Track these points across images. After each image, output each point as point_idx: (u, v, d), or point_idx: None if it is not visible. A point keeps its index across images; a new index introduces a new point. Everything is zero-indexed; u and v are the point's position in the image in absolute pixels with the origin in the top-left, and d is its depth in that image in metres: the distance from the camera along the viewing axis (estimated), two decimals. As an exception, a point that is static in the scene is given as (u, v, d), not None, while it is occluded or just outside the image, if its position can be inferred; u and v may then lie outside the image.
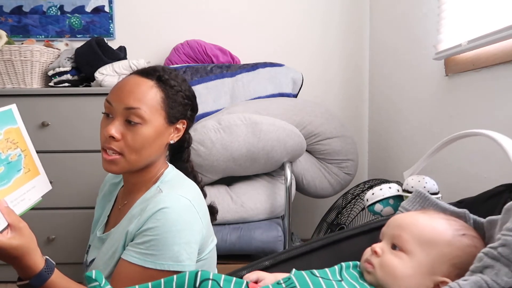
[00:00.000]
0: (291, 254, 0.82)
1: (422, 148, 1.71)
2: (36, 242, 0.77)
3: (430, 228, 0.66)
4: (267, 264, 0.80)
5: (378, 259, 0.66)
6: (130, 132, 0.88)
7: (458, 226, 0.67)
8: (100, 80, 1.98)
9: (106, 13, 2.33)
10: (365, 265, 0.68)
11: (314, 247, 0.84)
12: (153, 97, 0.90)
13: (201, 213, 0.92)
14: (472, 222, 0.71)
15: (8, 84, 1.98)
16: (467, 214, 0.71)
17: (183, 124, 0.97)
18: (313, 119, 1.83)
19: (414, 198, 0.79)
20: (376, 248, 0.67)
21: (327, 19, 2.35)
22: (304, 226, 2.32)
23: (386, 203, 1.06)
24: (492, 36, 1.15)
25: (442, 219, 0.68)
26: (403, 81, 1.90)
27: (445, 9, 1.45)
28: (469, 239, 0.65)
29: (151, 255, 0.83)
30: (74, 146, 1.90)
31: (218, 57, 2.14)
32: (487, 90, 1.25)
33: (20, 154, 0.82)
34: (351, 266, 0.71)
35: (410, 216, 0.71)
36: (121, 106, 0.88)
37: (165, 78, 0.93)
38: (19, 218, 0.75)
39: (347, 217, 1.85)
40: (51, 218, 1.87)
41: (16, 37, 2.29)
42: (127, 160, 0.89)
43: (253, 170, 1.71)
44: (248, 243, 1.62)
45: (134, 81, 0.92)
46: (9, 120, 0.81)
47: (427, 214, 0.71)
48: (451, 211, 0.73)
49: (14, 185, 0.78)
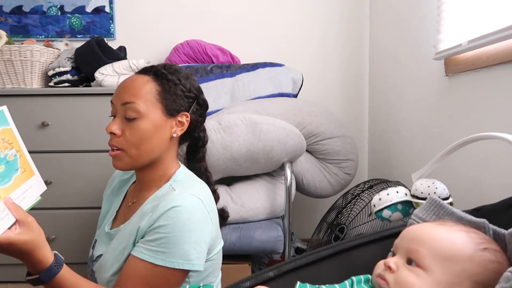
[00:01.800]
0: (296, 264, 0.77)
1: (422, 148, 1.71)
2: (44, 237, 0.77)
3: (450, 242, 0.61)
4: (271, 275, 0.74)
5: (393, 275, 0.62)
6: (129, 128, 0.90)
7: (479, 239, 0.62)
8: (100, 80, 1.98)
9: (107, 13, 2.33)
10: (379, 280, 0.63)
11: (320, 257, 0.79)
12: (148, 91, 0.92)
13: (212, 213, 0.93)
14: (491, 233, 0.66)
15: (8, 84, 1.98)
16: (487, 224, 0.66)
17: (186, 117, 0.96)
18: (313, 119, 1.82)
19: (428, 206, 0.74)
20: (390, 263, 0.63)
21: (327, 19, 2.36)
22: (304, 226, 2.32)
23: (394, 209, 1.03)
24: (492, 36, 1.15)
25: (461, 232, 0.63)
26: (403, 81, 1.90)
27: (445, 9, 1.45)
28: (492, 254, 0.61)
29: (162, 252, 0.83)
30: (74, 146, 1.90)
31: (218, 57, 2.14)
32: (487, 90, 1.25)
33: (16, 154, 0.82)
34: (363, 281, 0.67)
35: (426, 228, 0.66)
36: (119, 102, 0.92)
37: (162, 72, 0.95)
38: (26, 213, 0.75)
39: (347, 217, 1.85)
40: (51, 218, 1.87)
41: (16, 37, 2.29)
42: (129, 155, 0.91)
43: (253, 170, 1.71)
44: (248, 243, 1.62)
45: (131, 78, 0.95)
46: (2, 121, 0.82)
47: (445, 226, 0.65)
48: (469, 220, 0.68)
49: (14, 184, 0.78)
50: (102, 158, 1.87)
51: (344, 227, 1.84)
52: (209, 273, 0.98)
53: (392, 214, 1.03)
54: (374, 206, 1.06)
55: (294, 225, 2.27)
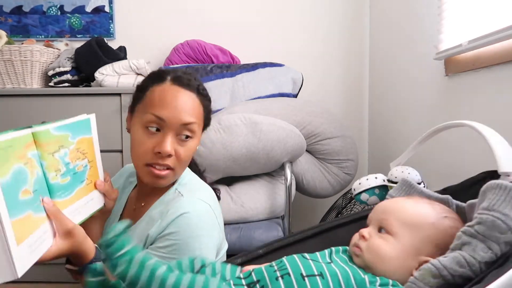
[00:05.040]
0: (284, 242, 0.85)
1: (422, 147, 1.71)
2: (84, 235, 0.76)
3: (415, 211, 0.70)
4: (261, 253, 0.82)
5: (366, 242, 0.69)
6: (182, 147, 0.89)
7: (440, 209, 0.71)
8: (100, 80, 1.97)
9: (106, 13, 2.33)
10: (353, 249, 0.70)
11: (307, 235, 0.88)
12: (199, 111, 0.92)
13: (219, 218, 0.94)
14: (454, 207, 0.75)
15: (8, 84, 1.98)
16: (450, 199, 0.76)
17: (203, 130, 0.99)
18: (313, 119, 1.82)
19: (400, 186, 0.83)
20: (364, 232, 0.70)
21: (327, 19, 2.35)
22: (304, 226, 2.30)
23: (372, 193, 1.09)
24: (492, 36, 1.15)
25: (426, 204, 0.72)
26: (403, 81, 1.90)
27: (445, 9, 1.45)
28: (451, 221, 0.69)
29: (173, 259, 0.83)
30: (74, 146, 1.89)
31: (218, 57, 2.14)
32: (487, 90, 1.25)
33: (87, 165, 0.82)
34: (341, 251, 0.73)
35: (395, 201, 0.75)
36: (177, 122, 0.87)
37: (201, 88, 0.94)
38: (65, 221, 0.72)
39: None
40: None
41: (16, 37, 2.29)
42: (176, 174, 0.91)
43: (253, 170, 1.71)
44: (248, 243, 1.62)
45: (182, 94, 0.90)
46: (85, 129, 0.82)
47: (412, 199, 0.75)
48: (435, 197, 0.77)
49: (75, 197, 0.77)
50: (102, 158, 1.86)
51: (344, 227, 1.84)
52: None
53: (369, 197, 1.10)
54: (354, 189, 1.13)
55: (294, 225, 2.26)
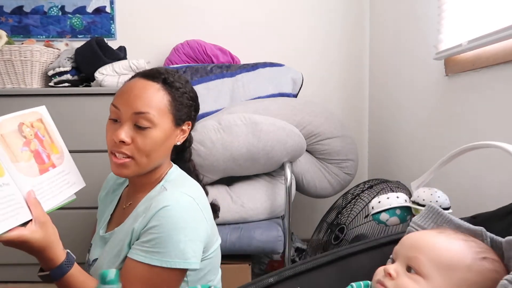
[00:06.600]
0: (296, 271, 0.78)
1: (422, 148, 1.71)
2: (58, 236, 0.80)
3: (449, 250, 0.62)
4: (272, 281, 0.76)
5: (393, 282, 0.62)
6: (140, 136, 0.88)
7: (478, 248, 0.63)
8: (100, 80, 1.98)
9: (107, 14, 2.33)
10: (378, 287, 0.64)
11: (321, 262, 0.81)
12: (160, 101, 0.90)
13: (205, 211, 0.93)
14: (489, 241, 0.67)
15: (8, 84, 1.98)
16: (484, 232, 0.68)
17: (188, 125, 0.99)
18: (313, 119, 1.82)
19: (427, 214, 0.75)
20: (390, 270, 0.63)
21: (327, 19, 2.35)
22: (304, 226, 2.32)
23: (392, 213, 1.03)
24: (492, 36, 1.15)
25: (460, 240, 0.64)
26: (403, 81, 1.90)
27: (445, 9, 1.45)
28: (490, 263, 0.62)
29: (157, 252, 0.83)
30: (74, 146, 1.87)
31: (218, 57, 2.14)
32: (487, 90, 1.25)
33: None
34: (362, 287, 0.68)
35: (426, 236, 0.67)
36: (130, 111, 0.88)
37: (171, 80, 0.93)
38: (43, 212, 0.77)
39: (347, 217, 1.85)
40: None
41: (16, 37, 2.30)
42: (138, 163, 0.90)
43: (253, 170, 1.71)
44: (248, 243, 1.62)
45: (140, 84, 0.91)
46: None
47: (444, 234, 0.67)
48: (467, 228, 0.69)
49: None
50: (102, 158, 1.86)
51: (344, 227, 1.83)
52: (208, 271, 0.98)
53: (389, 218, 1.03)
54: (373, 208, 1.06)
55: (294, 225, 2.26)
